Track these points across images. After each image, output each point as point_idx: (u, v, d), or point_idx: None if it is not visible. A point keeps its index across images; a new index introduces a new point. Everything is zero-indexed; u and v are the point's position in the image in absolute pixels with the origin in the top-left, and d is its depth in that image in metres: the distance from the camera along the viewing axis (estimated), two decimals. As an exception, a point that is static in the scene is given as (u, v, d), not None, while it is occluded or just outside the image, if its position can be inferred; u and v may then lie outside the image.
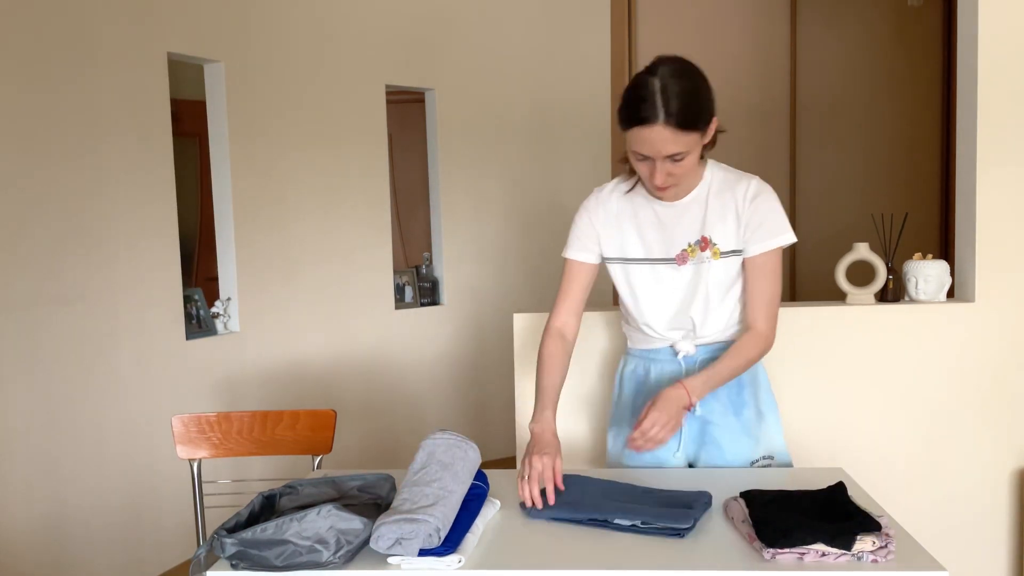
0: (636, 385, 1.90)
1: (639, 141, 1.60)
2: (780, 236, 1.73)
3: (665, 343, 1.83)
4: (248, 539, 1.29)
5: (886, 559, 1.27)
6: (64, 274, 2.90)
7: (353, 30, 3.89)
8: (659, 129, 1.56)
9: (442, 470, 1.45)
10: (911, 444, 2.52)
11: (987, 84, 2.46)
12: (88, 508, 2.98)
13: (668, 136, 1.57)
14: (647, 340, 1.86)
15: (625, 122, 1.61)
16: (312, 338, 3.79)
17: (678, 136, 1.58)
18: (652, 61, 1.63)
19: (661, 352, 1.84)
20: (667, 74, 1.58)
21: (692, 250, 1.74)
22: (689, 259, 1.75)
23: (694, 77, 1.62)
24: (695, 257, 1.74)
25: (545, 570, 1.30)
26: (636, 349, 1.91)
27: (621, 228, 1.80)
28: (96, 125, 2.98)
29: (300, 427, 2.09)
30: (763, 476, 1.75)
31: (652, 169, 1.63)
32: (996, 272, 2.49)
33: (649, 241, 1.78)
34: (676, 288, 1.77)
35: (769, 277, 1.74)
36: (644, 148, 1.60)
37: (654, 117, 1.56)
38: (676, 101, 1.56)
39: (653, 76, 1.58)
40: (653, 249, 1.77)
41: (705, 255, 1.74)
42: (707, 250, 1.74)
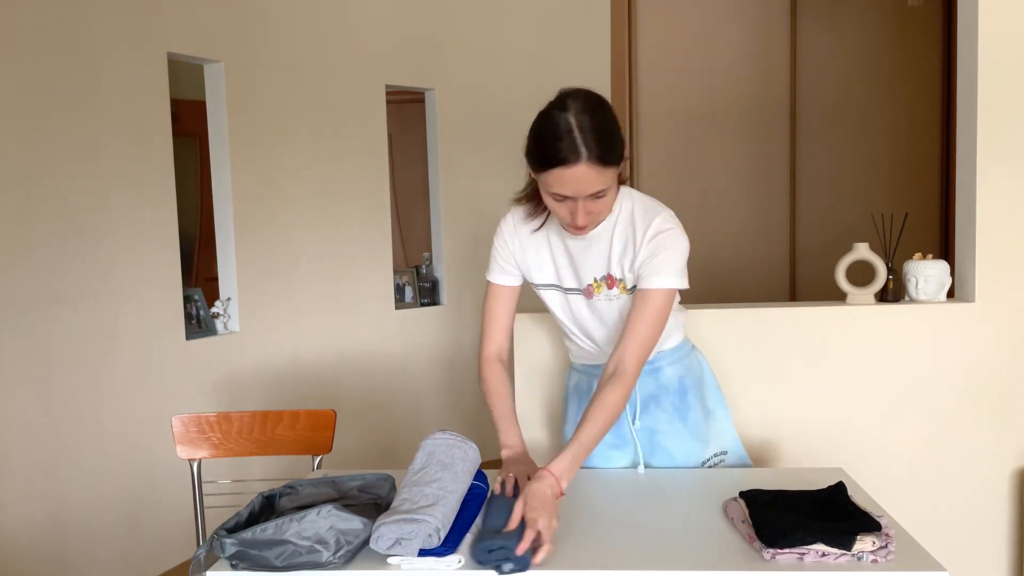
0: (579, 399, 1.92)
1: (559, 183, 1.52)
2: (667, 277, 1.61)
3: (604, 359, 1.79)
4: (248, 539, 1.29)
5: (886, 559, 1.27)
6: (64, 274, 2.90)
7: (353, 30, 3.89)
8: (583, 168, 1.48)
9: (442, 470, 1.45)
10: (911, 444, 2.52)
11: (987, 84, 2.46)
12: (88, 508, 2.98)
13: (592, 174, 1.50)
14: (585, 355, 1.88)
15: (542, 163, 1.53)
16: (312, 338, 3.79)
17: (600, 173, 1.50)
18: (557, 96, 1.55)
19: (600, 368, 1.82)
20: (578, 109, 1.50)
21: (598, 285, 1.72)
22: (595, 294, 1.73)
23: (604, 109, 1.54)
24: (601, 293, 1.72)
25: (545, 570, 1.30)
26: (577, 364, 1.94)
27: (536, 254, 1.77)
28: (96, 125, 2.98)
29: (300, 427, 2.09)
30: (765, 476, 1.75)
31: (573, 209, 1.56)
32: (996, 272, 2.49)
33: (560, 271, 1.76)
34: (592, 316, 1.77)
35: (649, 315, 1.62)
36: (565, 189, 1.52)
37: (576, 156, 1.48)
38: (595, 137, 1.48)
39: (565, 112, 1.50)
40: (564, 279, 1.76)
41: (613, 292, 1.71)
42: (614, 287, 1.70)
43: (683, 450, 1.82)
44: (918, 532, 1.66)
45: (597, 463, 1.84)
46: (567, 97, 1.53)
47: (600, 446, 1.77)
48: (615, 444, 1.82)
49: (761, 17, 5.02)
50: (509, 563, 1.27)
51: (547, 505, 1.40)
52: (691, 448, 1.83)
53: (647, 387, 1.82)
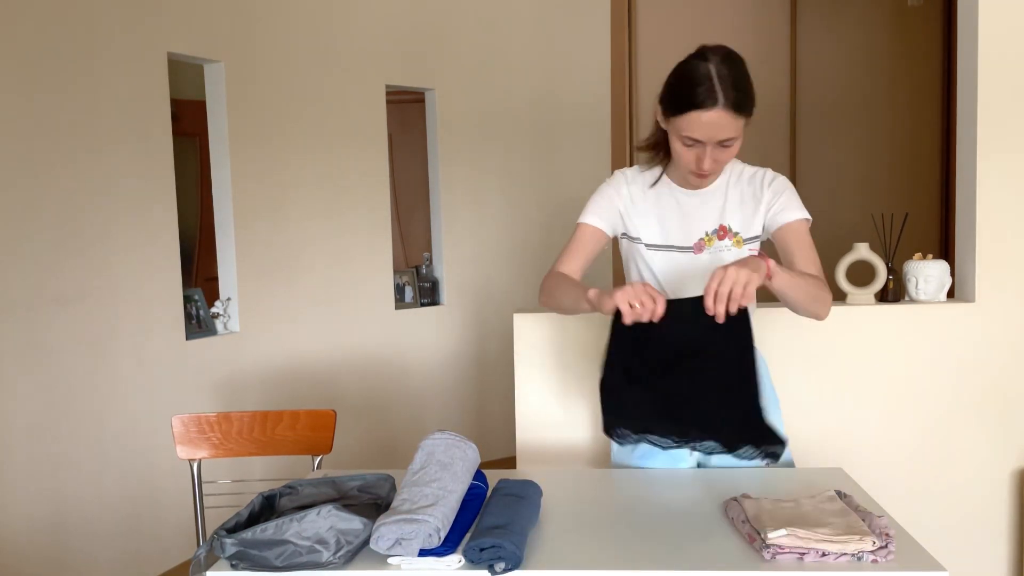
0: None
1: (694, 126, 1.60)
2: (799, 210, 1.75)
3: None
4: (248, 539, 1.29)
5: (886, 559, 1.27)
6: (64, 274, 2.90)
7: (353, 30, 3.89)
8: (719, 113, 1.57)
9: (441, 470, 1.45)
10: (911, 444, 2.52)
11: (987, 84, 2.46)
12: (88, 508, 2.98)
13: (726, 120, 1.58)
14: None
15: (679, 107, 1.60)
16: (312, 338, 3.79)
17: (734, 120, 1.59)
18: (697, 49, 1.63)
19: None
20: (719, 60, 1.59)
21: (709, 239, 1.75)
22: (706, 247, 1.76)
23: (741, 63, 1.63)
24: (712, 246, 1.75)
25: (545, 570, 1.30)
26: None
27: (642, 213, 1.80)
28: (96, 125, 2.98)
29: (300, 427, 2.09)
30: (765, 476, 1.75)
31: (701, 155, 1.64)
32: (996, 272, 2.49)
33: (668, 228, 1.78)
34: (694, 276, 1.76)
35: (806, 245, 1.72)
36: (699, 133, 1.60)
37: (713, 101, 1.57)
38: (733, 85, 1.58)
39: (705, 62, 1.59)
40: (671, 236, 1.78)
41: (724, 243, 1.75)
42: (726, 238, 1.75)
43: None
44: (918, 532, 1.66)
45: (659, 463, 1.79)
46: (707, 50, 1.62)
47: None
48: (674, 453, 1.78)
49: (761, 17, 5.02)
50: (501, 562, 1.27)
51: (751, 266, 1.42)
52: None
53: None
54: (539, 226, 4.54)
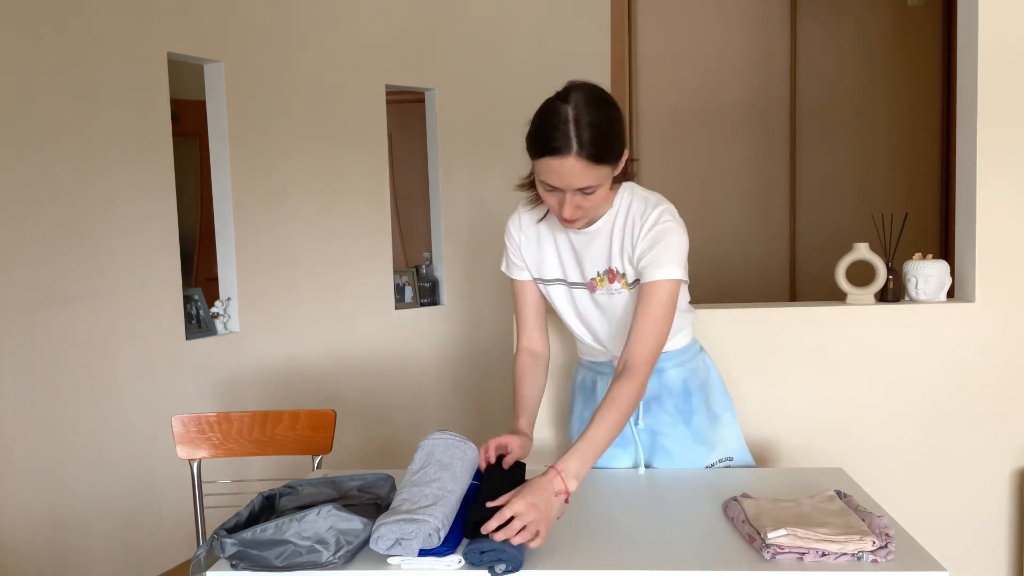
0: (584, 397, 1.92)
1: (548, 172, 1.52)
2: (661, 269, 1.59)
3: (608, 356, 1.83)
4: (248, 539, 1.29)
5: (886, 559, 1.27)
6: (64, 274, 2.90)
7: (353, 30, 3.89)
8: (571, 161, 1.48)
9: (441, 470, 1.45)
10: (911, 444, 2.52)
11: (987, 84, 2.46)
12: (88, 508, 2.98)
13: (580, 169, 1.49)
14: (590, 351, 1.88)
15: (535, 151, 1.53)
16: (312, 338, 3.79)
17: (590, 169, 1.49)
18: (564, 87, 1.55)
19: (605, 365, 1.86)
20: (580, 103, 1.49)
21: (601, 280, 1.72)
22: (598, 288, 1.73)
23: (608, 107, 1.53)
24: (604, 287, 1.72)
25: (545, 570, 1.30)
26: (584, 360, 1.93)
27: (540, 249, 1.78)
28: (96, 125, 2.98)
29: (300, 427, 2.10)
30: (765, 476, 1.75)
31: (561, 201, 1.56)
32: (996, 272, 2.49)
33: (565, 264, 1.76)
34: (595, 311, 1.76)
35: (653, 309, 1.59)
36: (553, 180, 1.52)
37: (566, 148, 1.47)
38: (589, 133, 1.47)
39: (566, 104, 1.49)
40: (568, 273, 1.77)
41: (615, 286, 1.70)
42: (616, 281, 1.70)
43: (685, 453, 1.81)
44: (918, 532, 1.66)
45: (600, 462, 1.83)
46: (572, 89, 1.54)
47: None
48: (618, 443, 1.82)
49: (761, 17, 5.02)
50: (502, 564, 1.27)
51: (542, 502, 1.33)
52: (694, 452, 1.82)
53: (650, 388, 1.80)
54: (539, 226, 4.53)
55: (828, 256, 2.89)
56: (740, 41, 4.99)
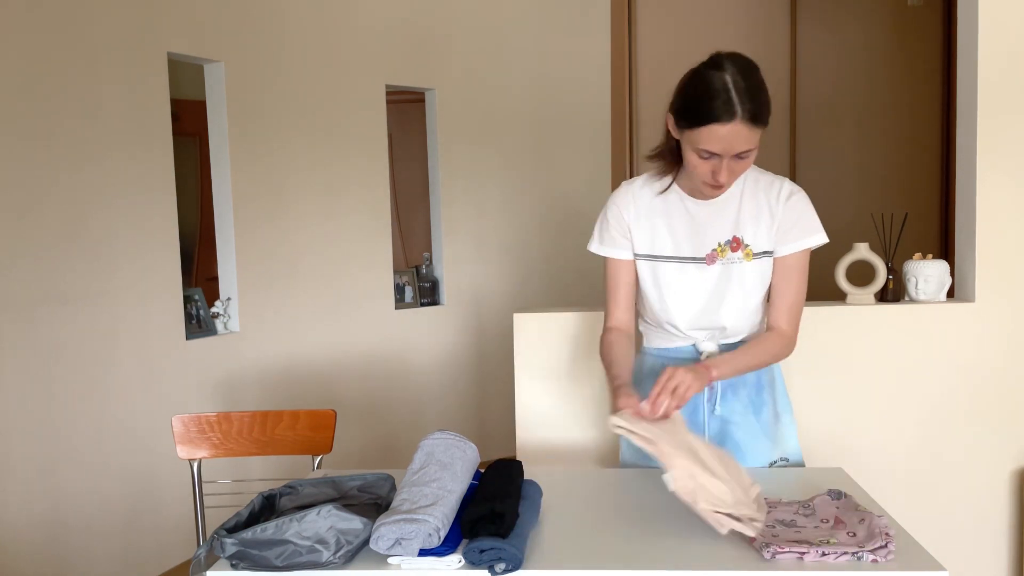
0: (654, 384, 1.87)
1: (712, 139, 1.55)
2: (812, 236, 1.72)
3: (687, 342, 1.80)
4: (248, 539, 1.29)
5: (886, 559, 1.27)
6: (64, 274, 2.90)
7: (353, 30, 3.89)
8: (737, 127, 1.52)
9: (441, 470, 1.45)
10: (911, 444, 2.52)
11: (987, 84, 2.46)
12: (88, 508, 2.98)
13: (744, 133, 1.54)
14: (668, 338, 1.83)
15: (696, 119, 1.56)
16: (312, 338, 3.79)
17: (752, 132, 1.55)
18: (711, 57, 1.58)
19: (682, 351, 1.82)
20: (736, 70, 1.54)
21: (722, 250, 1.72)
22: (718, 259, 1.72)
23: (759, 72, 1.58)
24: (724, 257, 1.71)
25: (545, 570, 1.30)
26: (654, 348, 1.87)
27: (652, 224, 1.76)
28: (97, 125, 2.98)
29: (300, 427, 2.09)
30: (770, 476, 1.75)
31: (718, 167, 1.59)
32: (996, 272, 2.49)
33: (679, 239, 1.74)
34: (704, 288, 1.74)
35: (797, 278, 1.73)
36: (716, 146, 1.55)
37: (731, 115, 1.52)
38: (751, 97, 1.53)
39: (721, 72, 1.54)
40: (682, 247, 1.74)
41: (736, 256, 1.71)
42: (738, 251, 1.71)
43: (753, 446, 1.79)
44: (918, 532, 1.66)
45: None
46: (722, 58, 1.57)
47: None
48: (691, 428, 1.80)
49: (761, 17, 5.02)
50: (502, 563, 1.27)
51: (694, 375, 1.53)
52: (761, 445, 1.80)
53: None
54: (539, 226, 4.54)
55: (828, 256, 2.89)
56: (740, 41, 4.98)
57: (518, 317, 2.46)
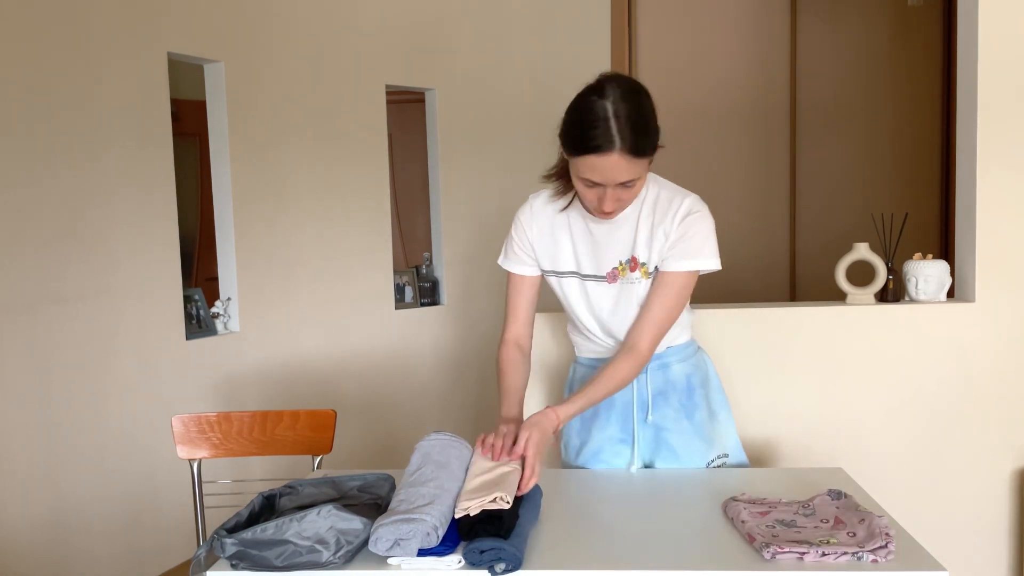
0: None
1: (591, 169, 1.53)
2: (697, 259, 1.66)
3: (612, 352, 1.82)
4: (248, 539, 1.29)
5: (886, 559, 1.27)
6: (64, 274, 2.90)
7: (353, 30, 3.89)
8: (615, 158, 1.49)
9: (438, 470, 1.45)
10: (911, 444, 2.52)
11: (987, 84, 2.46)
12: (88, 508, 2.98)
13: (624, 164, 1.51)
14: (593, 348, 1.87)
15: (575, 148, 1.53)
16: (312, 338, 3.79)
17: (632, 163, 1.51)
18: (597, 80, 1.55)
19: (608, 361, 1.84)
20: (617, 97, 1.50)
21: (622, 269, 1.72)
22: (619, 278, 1.73)
23: (643, 98, 1.54)
24: (624, 276, 1.72)
25: (545, 570, 1.30)
26: (585, 357, 1.91)
27: (554, 240, 1.77)
28: (96, 125, 2.98)
29: (300, 427, 2.10)
30: (765, 476, 1.75)
31: (602, 195, 1.57)
32: (996, 272, 2.49)
33: (580, 257, 1.75)
34: (606, 304, 1.76)
35: (671, 297, 1.67)
36: (596, 176, 1.53)
37: (610, 145, 1.48)
38: (631, 127, 1.49)
39: (603, 99, 1.50)
40: (584, 265, 1.76)
41: (635, 275, 1.71)
42: (636, 270, 1.71)
43: (688, 449, 1.81)
44: (918, 532, 1.66)
45: (605, 458, 1.83)
46: (606, 83, 1.53)
47: (609, 440, 1.80)
48: (623, 439, 1.82)
49: (761, 17, 5.02)
50: (502, 563, 1.27)
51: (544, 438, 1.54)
52: (696, 447, 1.82)
53: (656, 382, 1.82)
54: (539, 226, 4.53)
55: (828, 256, 2.89)
56: (740, 41, 4.99)
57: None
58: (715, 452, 1.84)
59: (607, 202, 1.57)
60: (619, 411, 1.83)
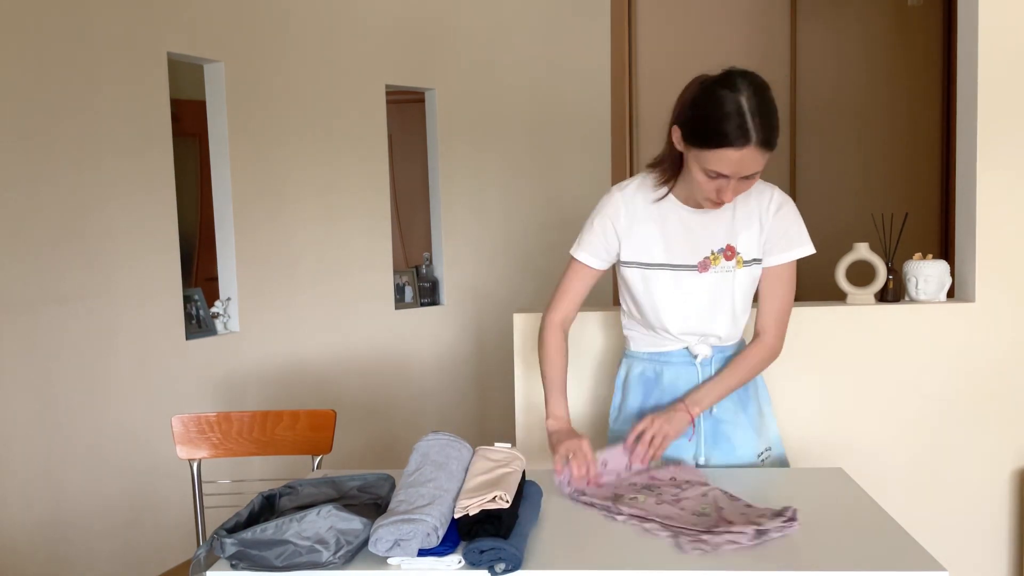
0: (645, 389, 1.86)
1: (722, 162, 1.53)
2: (800, 247, 1.75)
3: (679, 345, 1.81)
4: (248, 539, 1.29)
5: (782, 533, 1.33)
6: (64, 274, 2.90)
7: (353, 30, 3.89)
8: (750, 152, 1.51)
9: (437, 470, 1.45)
10: (911, 444, 2.52)
11: (987, 84, 2.46)
12: (88, 508, 2.98)
13: (756, 158, 1.53)
14: (659, 343, 1.83)
15: (706, 142, 1.53)
16: (312, 338, 3.79)
17: (763, 156, 1.54)
18: (724, 74, 1.56)
19: (675, 355, 1.82)
20: (750, 92, 1.52)
21: (715, 258, 1.72)
22: (711, 267, 1.72)
23: (770, 93, 1.57)
24: (718, 265, 1.72)
25: (545, 570, 1.30)
26: (643, 352, 1.86)
27: (645, 231, 1.75)
28: (96, 125, 2.99)
29: (300, 427, 2.09)
30: (762, 476, 1.75)
31: (724, 187, 1.57)
32: (996, 272, 2.49)
33: (672, 246, 1.74)
34: (697, 295, 1.74)
35: (785, 288, 1.76)
36: (726, 169, 1.54)
37: (745, 140, 1.50)
38: (764, 122, 1.51)
39: (735, 93, 1.51)
40: (675, 255, 1.74)
41: (729, 264, 1.72)
42: (732, 259, 1.72)
43: (744, 440, 1.81)
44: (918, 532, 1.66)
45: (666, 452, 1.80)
46: (736, 77, 1.55)
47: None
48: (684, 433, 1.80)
49: (761, 17, 5.02)
50: (502, 563, 1.27)
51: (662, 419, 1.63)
52: (750, 439, 1.82)
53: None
54: (539, 225, 4.54)
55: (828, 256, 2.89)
56: (740, 42, 4.99)
57: (518, 317, 2.46)
58: (763, 444, 1.85)
59: (729, 193, 1.59)
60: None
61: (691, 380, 1.79)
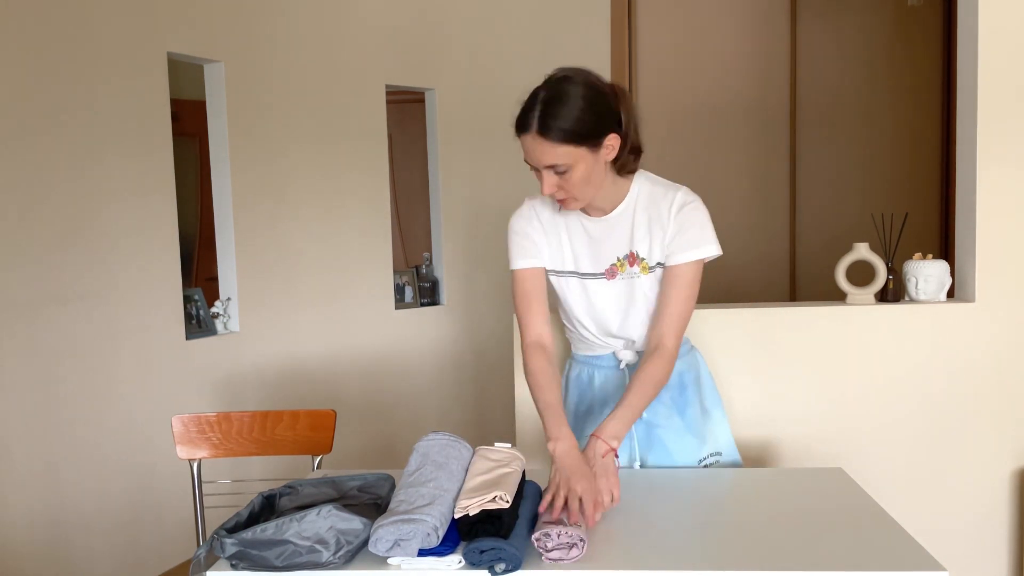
0: (580, 391, 1.91)
1: (524, 150, 1.63)
2: (701, 248, 1.70)
3: (607, 350, 1.84)
4: (248, 539, 1.29)
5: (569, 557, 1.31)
6: (64, 274, 2.90)
7: (353, 30, 3.89)
8: (532, 139, 1.59)
9: (437, 470, 1.45)
10: (911, 444, 2.52)
11: (987, 84, 2.46)
12: (88, 508, 2.98)
13: (540, 147, 1.58)
14: (589, 347, 1.88)
15: (515, 128, 1.64)
16: (312, 338, 3.79)
17: (551, 147, 1.57)
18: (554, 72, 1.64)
19: (603, 359, 1.86)
20: (555, 85, 1.60)
21: (621, 265, 1.74)
22: (618, 273, 1.75)
23: (579, 88, 1.60)
24: (624, 272, 1.74)
25: (545, 570, 1.30)
26: (579, 355, 1.93)
27: (555, 239, 1.79)
28: (96, 125, 2.98)
29: (300, 427, 2.10)
30: (765, 476, 1.75)
31: (541, 179, 1.64)
32: (996, 272, 2.49)
33: (579, 256, 1.77)
34: (608, 301, 1.77)
35: (684, 291, 1.70)
36: (526, 156, 1.64)
37: (527, 127, 1.59)
38: (550, 114, 1.56)
39: (543, 87, 1.61)
40: (583, 263, 1.77)
41: (634, 270, 1.73)
42: (635, 265, 1.73)
43: (680, 446, 1.82)
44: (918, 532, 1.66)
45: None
46: (557, 74, 1.65)
47: None
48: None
49: (761, 17, 5.02)
50: (502, 563, 1.27)
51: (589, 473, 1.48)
52: (688, 444, 1.83)
53: None
54: (539, 226, 4.53)
55: (828, 256, 2.89)
56: (740, 41, 4.99)
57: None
58: (708, 450, 1.85)
59: (544, 185, 1.62)
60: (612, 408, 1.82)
61: (620, 385, 1.80)
